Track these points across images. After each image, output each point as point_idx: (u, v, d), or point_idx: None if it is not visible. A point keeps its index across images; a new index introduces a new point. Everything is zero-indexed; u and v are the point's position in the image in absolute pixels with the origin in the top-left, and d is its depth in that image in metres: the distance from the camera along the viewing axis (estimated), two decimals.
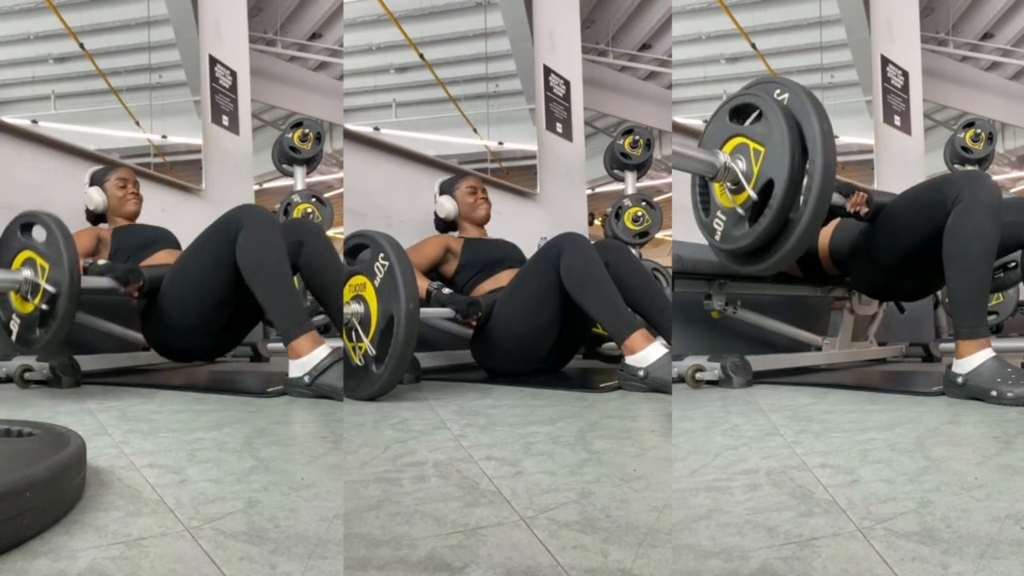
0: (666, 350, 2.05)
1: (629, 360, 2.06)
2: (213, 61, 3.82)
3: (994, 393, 1.77)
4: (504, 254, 2.72)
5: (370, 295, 1.97)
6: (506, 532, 0.92)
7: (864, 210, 2.10)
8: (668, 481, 1.12)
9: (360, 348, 1.98)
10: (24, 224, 2.16)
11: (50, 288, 1.98)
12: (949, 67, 4.90)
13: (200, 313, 2.19)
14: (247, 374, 2.63)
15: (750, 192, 1.76)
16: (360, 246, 2.07)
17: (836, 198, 2.09)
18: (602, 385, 2.09)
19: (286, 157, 3.73)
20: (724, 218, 1.87)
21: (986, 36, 4.96)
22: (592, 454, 1.29)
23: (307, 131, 3.71)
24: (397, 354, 1.88)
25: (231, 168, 3.82)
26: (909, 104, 3.88)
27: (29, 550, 0.85)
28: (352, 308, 2.00)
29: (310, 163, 3.78)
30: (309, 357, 1.94)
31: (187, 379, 2.46)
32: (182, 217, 3.27)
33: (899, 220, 2.08)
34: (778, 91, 1.78)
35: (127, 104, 3.52)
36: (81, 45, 3.40)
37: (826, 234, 2.36)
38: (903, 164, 3.89)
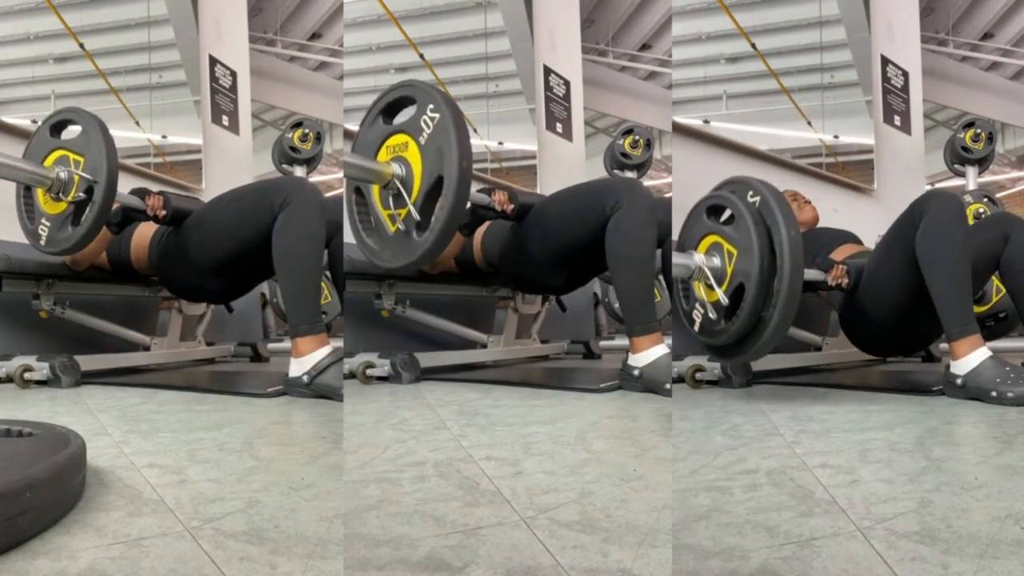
0: (667, 350, 2.03)
1: (631, 359, 2.05)
2: (213, 61, 3.82)
3: (994, 393, 1.78)
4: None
5: (413, 155, 1.81)
6: (506, 532, 0.92)
7: (845, 281, 2.15)
8: (668, 481, 1.12)
9: (400, 214, 1.82)
10: (55, 125, 2.13)
11: (88, 177, 1.97)
12: (949, 67, 4.90)
13: (222, 260, 2.14)
14: (247, 374, 2.63)
15: (721, 296, 1.83)
16: (401, 101, 1.88)
17: (815, 274, 2.16)
18: (602, 385, 2.09)
19: (286, 157, 3.72)
20: (702, 311, 1.93)
21: (986, 36, 4.96)
22: (592, 454, 1.29)
23: (307, 131, 3.71)
24: (444, 217, 1.73)
25: (231, 168, 3.82)
26: (909, 104, 3.88)
27: (29, 550, 0.85)
28: (393, 169, 1.82)
29: (310, 163, 3.78)
30: (309, 357, 1.93)
31: (187, 379, 2.46)
32: None
33: (884, 276, 2.13)
34: (750, 193, 1.84)
35: (127, 104, 3.52)
36: (81, 45, 3.40)
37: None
38: (903, 164, 3.89)
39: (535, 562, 0.85)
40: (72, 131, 2.11)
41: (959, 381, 1.87)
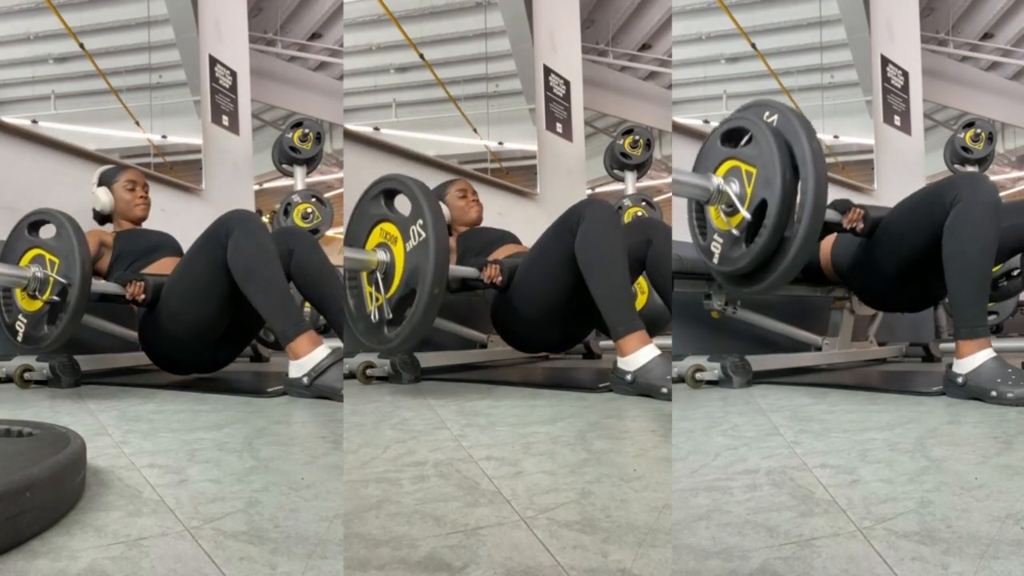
0: (659, 352, 1.97)
1: (620, 363, 2.00)
2: (213, 61, 3.82)
3: (994, 393, 1.78)
4: (500, 236, 2.71)
5: (399, 253, 1.96)
6: (506, 532, 0.92)
7: (860, 226, 2.11)
8: (668, 481, 1.12)
9: (377, 300, 1.97)
10: (32, 223, 2.18)
11: (61, 280, 2.01)
12: (949, 67, 4.90)
13: (197, 323, 2.17)
14: (247, 374, 2.63)
15: (744, 213, 1.78)
16: (395, 192, 2.02)
17: (832, 215, 2.11)
18: (602, 385, 2.08)
19: (286, 157, 3.72)
20: (721, 240, 1.90)
21: (986, 36, 4.96)
22: (592, 454, 1.29)
23: (307, 131, 3.71)
24: (408, 330, 1.89)
25: (231, 168, 3.82)
26: (909, 104, 3.88)
27: (29, 550, 0.85)
28: (379, 256, 1.98)
29: (310, 163, 3.78)
30: (308, 358, 1.93)
31: (191, 379, 2.46)
32: (182, 217, 3.27)
33: (898, 230, 2.09)
34: (767, 113, 1.80)
35: (127, 104, 3.51)
36: (81, 45, 3.40)
37: (826, 247, 2.37)
38: (903, 164, 3.89)
39: (535, 562, 0.85)
40: (48, 231, 2.16)
41: (960, 380, 1.86)
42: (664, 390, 1.88)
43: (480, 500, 1.04)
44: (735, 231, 1.83)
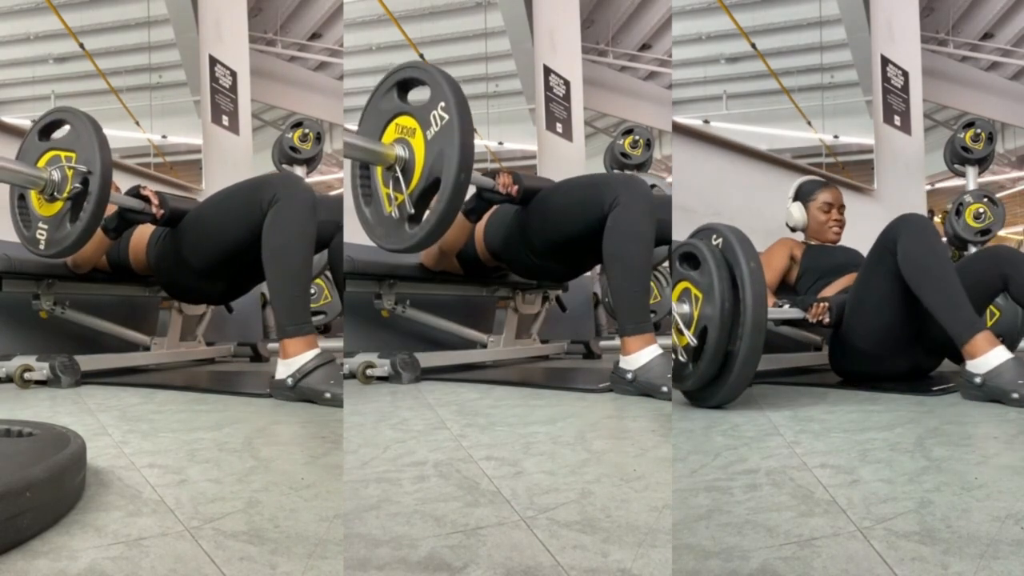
0: (661, 352, 1.98)
1: (622, 361, 2.00)
2: (213, 61, 3.82)
3: (1016, 395, 1.74)
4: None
5: (418, 144, 1.80)
6: (506, 532, 0.92)
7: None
8: (668, 481, 1.12)
9: (397, 198, 1.84)
10: (43, 129, 2.12)
11: (81, 168, 1.95)
12: (949, 67, 4.90)
13: (216, 261, 2.12)
14: (247, 374, 2.63)
15: (689, 338, 1.81)
16: (409, 83, 1.86)
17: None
18: (601, 385, 2.08)
19: (286, 157, 3.72)
20: (675, 357, 1.90)
21: (986, 36, 4.97)
22: (592, 454, 1.29)
23: (307, 131, 3.71)
24: (435, 220, 1.76)
25: (231, 168, 3.82)
26: (909, 104, 3.88)
27: (29, 550, 0.85)
28: (396, 150, 1.83)
29: (310, 163, 3.78)
30: (296, 359, 1.86)
31: (187, 379, 2.46)
32: None
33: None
34: (714, 236, 1.84)
35: (127, 104, 3.52)
36: (81, 45, 3.40)
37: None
38: (903, 164, 3.89)
39: (535, 562, 0.85)
40: (62, 132, 2.10)
41: (977, 380, 1.82)
42: (664, 389, 1.88)
43: (480, 500, 1.04)
44: (683, 353, 1.84)
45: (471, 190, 2.06)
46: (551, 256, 2.33)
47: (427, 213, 1.80)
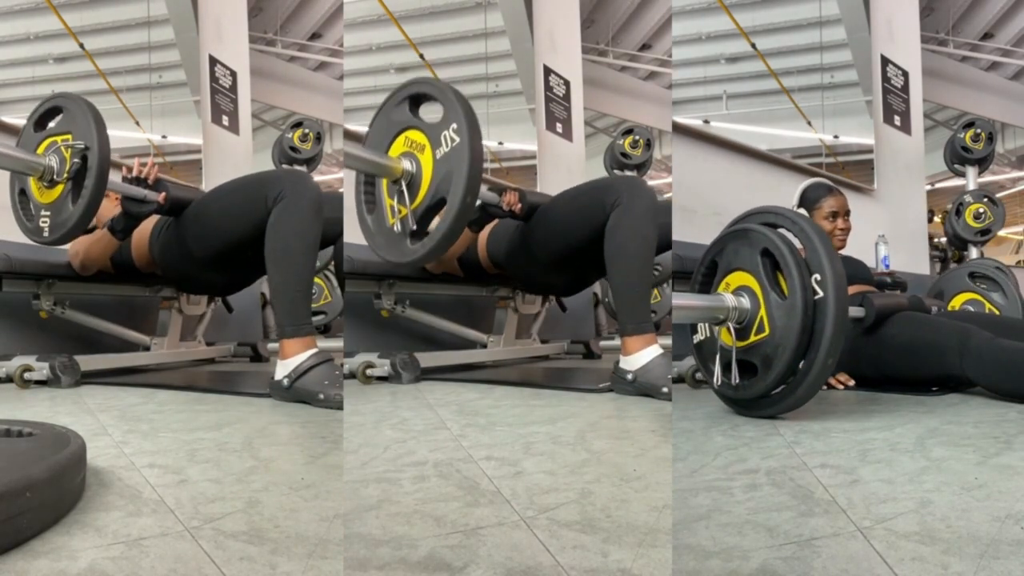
0: (661, 352, 1.97)
1: (622, 361, 2.00)
2: (213, 61, 3.82)
3: (665, 389, 1.85)
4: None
5: (427, 161, 1.80)
6: (506, 532, 0.92)
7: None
8: (668, 481, 1.12)
9: (400, 211, 1.83)
10: (38, 120, 2.12)
11: (79, 144, 1.94)
12: (949, 67, 4.90)
13: (220, 252, 2.10)
14: (247, 374, 2.63)
15: (764, 345, 1.66)
16: (422, 97, 1.86)
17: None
18: (601, 385, 2.08)
19: (286, 157, 3.72)
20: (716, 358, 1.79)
21: (986, 36, 4.97)
22: (592, 454, 1.29)
23: (307, 131, 3.71)
24: (438, 238, 1.76)
25: (231, 168, 3.81)
26: (909, 104, 3.88)
27: (29, 550, 0.85)
28: (403, 164, 1.83)
29: (310, 163, 3.78)
30: (294, 359, 1.84)
31: (187, 379, 2.46)
32: None
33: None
34: (781, 226, 1.73)
35: (127, 104, 3.52)
36: (81, 45, 3.40)
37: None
38: (903, 164, 3.89)
39: (535, 562, 0.85)
40: (57, 120, 2.10)
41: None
42: (664, 390, 1.88)
43: (480, 500, 1.04)
44: (725, 354, 1.73)
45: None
46: (555, 268, 2.33)
47: (430, 231, 1.80)
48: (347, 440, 1.42)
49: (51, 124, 2.13)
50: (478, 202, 2.13)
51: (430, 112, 1.84)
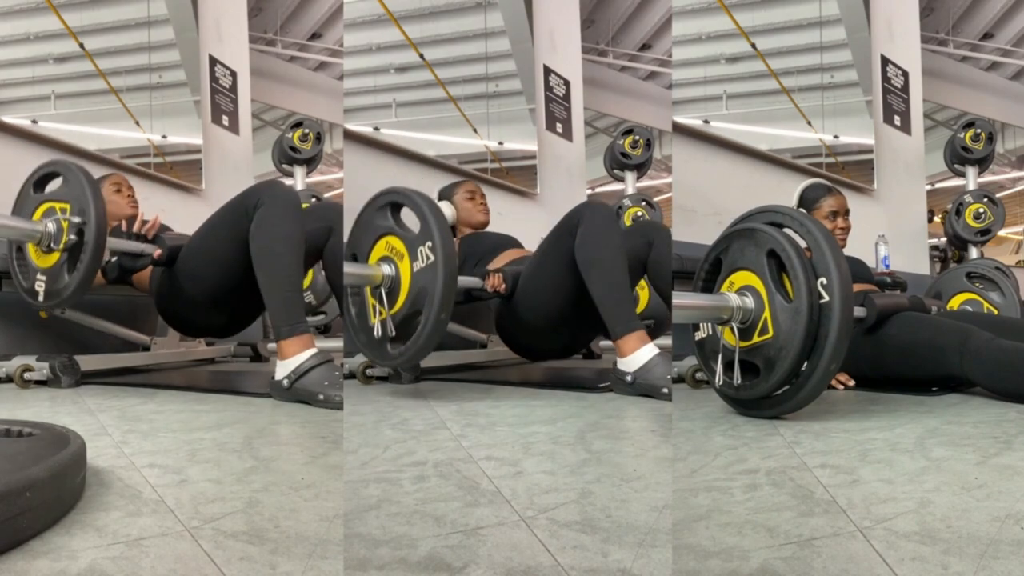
0: (658, 352, 1.97)
1: (619, 363, 2.00)
2: (213, 61, 3.82)
3: (665, 390, 1.87)
4: (503, 241, 2.69)
5: (405, 270, 1.91)
6: (506, 532, 0.92)
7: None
8: (668, 481, 1.12)
9: (380, 314, 1.92)
10: (37, 181, 2.14)
11: (75, 219, 1.97)
12: (949, 67, 4.90)
13: (215, 288, 2.12)
14: (247, 374, 2.63)
15: (768, 346, 1.65)
16: (401, 205, 1.97)
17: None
18: (602, 385, 2.08)
19: (286, 157, 3.73)
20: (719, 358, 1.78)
21: (986, 36, 4.97)
22: (592, 454, 1.29)
23: (307, 131, 3.71)
24: (414, 350, 1.87)
25: (231, 168, 3.82)
26: (909, 104, 3.88)
27: (29, 550, 0.85)
28: (383, 271, 1.93)
29: (310, 163, 3.79)
30: (294, 359, 1.84)
31: (187, 379, 2.46)
32: (182, 217, 3.27)
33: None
34: (787, 226, 1.72)
35: (127, 104, 3.52)
36: (81, 45, 3.40)
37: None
38: (903, 164, 3.89)
39: (535, 562, 0.85)
40: (56, 184, 2.14)
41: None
42: (664, 390, 1.88)
43: (480, 500, 1.04)
44: (727, 353, 1.72)
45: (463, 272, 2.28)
46: (548, 331, 2.33)
47: (407, 342, 1.90)
48: (347, 440, 1.42)
49: (50, 187, 2.15)
50: (463, 288, 2.27)
51: (411, 216, 1.94)
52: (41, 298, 2.07)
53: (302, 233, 1.96)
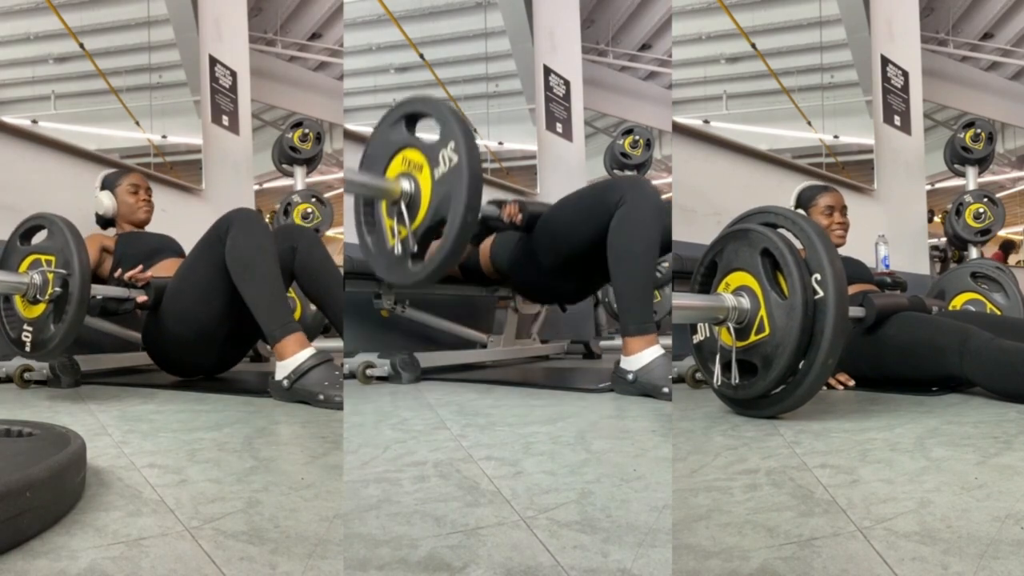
0: (663, 352, 1.96)
1: (623, 361, 2.00)
2: (213, 61, 3.82)
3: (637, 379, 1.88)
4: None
5: (425, 181, 1.76)
6: (506, 532, 0.92)
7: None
8: (668, 481, 1.12)
9: (400, 232, 1.79)
10: (24, 233, 2.16)
11: (61, 271, 1.99)
12: (949, 67, 4.90)
13: (201, 325, 2.16)
14: (247, 374, 2.63)
15: (765, 344, 1.66)
16: (417, 116, 1.82)
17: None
18: (601, 385, 2.08)
19: (286, 157, 3.73)
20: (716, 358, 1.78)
21: (986, 36, 4.97)
22: (592, 454, 1.29)
23: (307, 131, 3.71)
24: (439, 260, 1.71)
25: (231, 168, 3.82)
26: (909, 104, 3.88)
27: (29, 550, 0.85)
28: (402, 185, 1.78)
29: (310, 163, 3.79)
30: (292, 359, 1.87)
31: (187, 379, 2.46)
32: (182, 217, 3.27)
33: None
34: (781, 226, 1.73)
35: (127, 104, 3.52)
36: (81, 45, 3.40)
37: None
38: (903, 164, 3.89)
39: (535, 562, 0.85)
40: (41, 236, 2.15)
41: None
42: (665, 390, 1.88)
43: (480, 500, 1.04)
44: (724, 354, 1.73)
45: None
46: (560, 274, 2.29)
47: (430, 252, 1.77)
48: (347, 440, 1.42)
49: (36, 239, 2.17)
50: (479, 216, 2.09)
51: (428, 129, 1.81)
52: (27, 348, 2.09)
53: (275, 244, 2.04)
